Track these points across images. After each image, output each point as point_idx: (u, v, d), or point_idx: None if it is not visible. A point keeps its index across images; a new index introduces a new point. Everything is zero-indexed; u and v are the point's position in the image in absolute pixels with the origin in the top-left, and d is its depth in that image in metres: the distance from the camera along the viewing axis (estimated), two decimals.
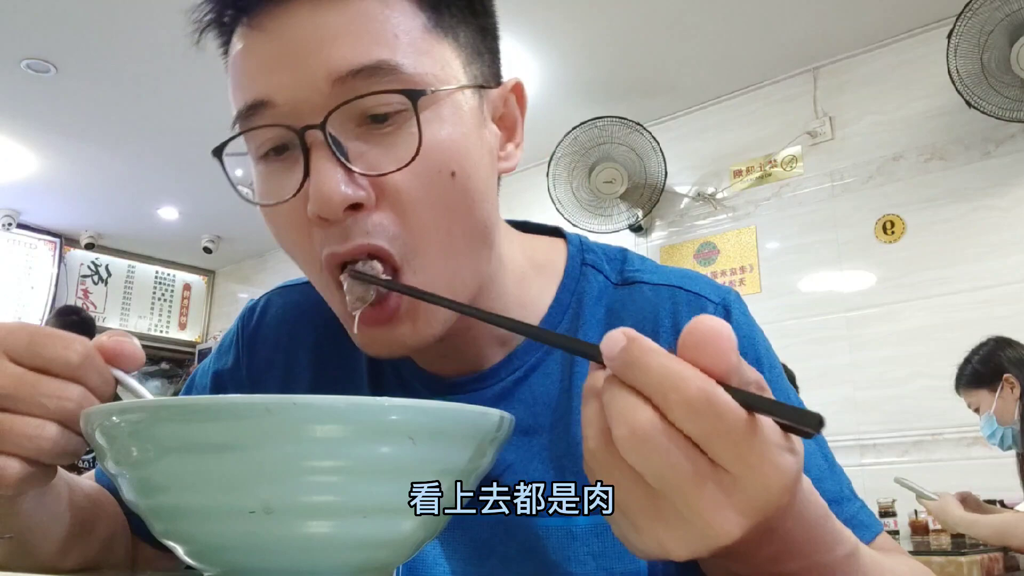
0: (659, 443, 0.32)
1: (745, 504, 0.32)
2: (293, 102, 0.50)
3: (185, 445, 0.34)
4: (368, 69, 0.49)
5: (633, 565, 0.55)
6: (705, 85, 3.49)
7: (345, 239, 0.50)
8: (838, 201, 3.17)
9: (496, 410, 0.39)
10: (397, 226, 0.51)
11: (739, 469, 0.32)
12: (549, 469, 0.57)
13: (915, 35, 3.08)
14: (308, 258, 0.53)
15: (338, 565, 0.36)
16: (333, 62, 0.49)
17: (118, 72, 3.37)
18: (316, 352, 0.68)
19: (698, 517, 0.32)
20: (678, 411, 0.32)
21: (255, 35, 0.51)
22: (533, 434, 0.58)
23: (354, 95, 0.49)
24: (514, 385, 0.61)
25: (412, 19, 0.51)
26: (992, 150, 2.86)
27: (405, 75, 0.49)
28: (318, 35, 0.49)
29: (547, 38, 3.14)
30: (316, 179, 0.48)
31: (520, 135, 0.61)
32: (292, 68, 0.49)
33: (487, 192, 0.55)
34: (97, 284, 5.64)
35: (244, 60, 0.52)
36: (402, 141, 0.50)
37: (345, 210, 0.49)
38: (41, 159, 4.23)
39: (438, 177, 0.51)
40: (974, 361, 2.34)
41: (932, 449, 2.79)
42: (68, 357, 0.43)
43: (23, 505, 0.49)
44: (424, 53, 0.51)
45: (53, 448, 0.42)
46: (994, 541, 2.03)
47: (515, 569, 0.56)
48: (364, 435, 0.34)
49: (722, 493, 0.32)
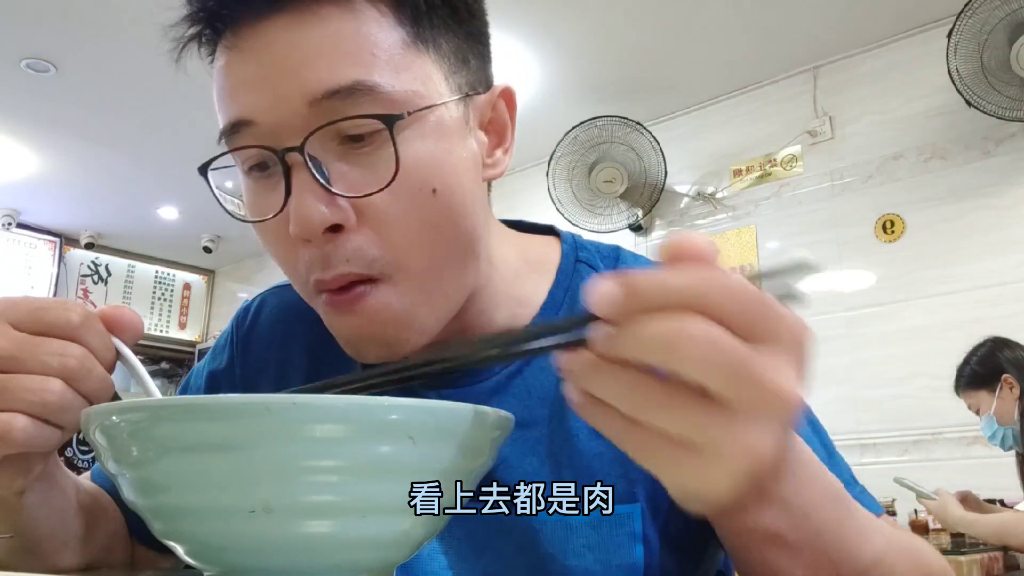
0: (724, 340, 0.30)
1: (797, 368, 0.32)
2: (272, 123, 0.49)
3: (185, 445, 0.34)
4: (345, 90, 0.48)
5: (629, 558, 0.55)
6: (705, 85, 3.49)
7: (327, 266, 0.50)
8: (838, 201, 3.17)
9: (496, 409, 0.39)
10: (378, 247, 0.51)
11: (781, 334, 0.32)
12: (545, 462, 0.58)
13: (915, 35, 3.07)
14: (295, 273, 0.54)
15: (338, 565, 0.36)
16: (309, 84, 0.48)
17: (118, 72, 3.37)
18: (311, 350, 0.68)
19: (764, 398, 0.31)
20: (717, 297, 0.30)
21: (233, 54, 0.51)
22: (528, 428, 0.58)
23: (331, 117, 0.48)
24: (508, 379, 0.61)
25: (389, 34, 0.51)
26: (992, 149, 2.86)
27: (383, 94, 0.49)
28: (294, 55, 0.49)
29: (547, 37, 3.14)
30: (296, 201, 0.49)
31: (510, 140, 0.60)
32: (270, 89, 0.49)
33: (472, 204, 0.55)
34: (97, 284, 5.63)
35: (225, 78, 0.52)
36: (381, 161, 0.49)
37: (325, 231, 0.49)
38: (41, 159, 4.23)
39: (419, 195, 0.51)
40: (972, 362, 2.34)
41: (932, 448, 2.79)
42: (69, 318, 0.44)
43: (30, 501, 0.50)
44: (403, 69, 0.50)
45: (59, 402, 0.43)
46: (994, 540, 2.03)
47: (512, 563, 0.57)
48: (364, 435, 0.34)
49: (782, 364, 0.31)
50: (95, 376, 0.44)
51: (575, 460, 0.57)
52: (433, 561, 0.59)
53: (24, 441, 0.42)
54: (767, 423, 0.32)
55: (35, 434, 0.43)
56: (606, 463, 0.56)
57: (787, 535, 0.41)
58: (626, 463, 0.54)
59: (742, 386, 0.30)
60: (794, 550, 0.41)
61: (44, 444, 0.44)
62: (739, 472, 0.32)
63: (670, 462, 0.32)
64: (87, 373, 0.44)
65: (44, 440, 0.44)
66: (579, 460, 0.57)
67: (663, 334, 0.30)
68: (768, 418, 0.32)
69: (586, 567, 0.55)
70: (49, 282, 5.32)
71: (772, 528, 0.40)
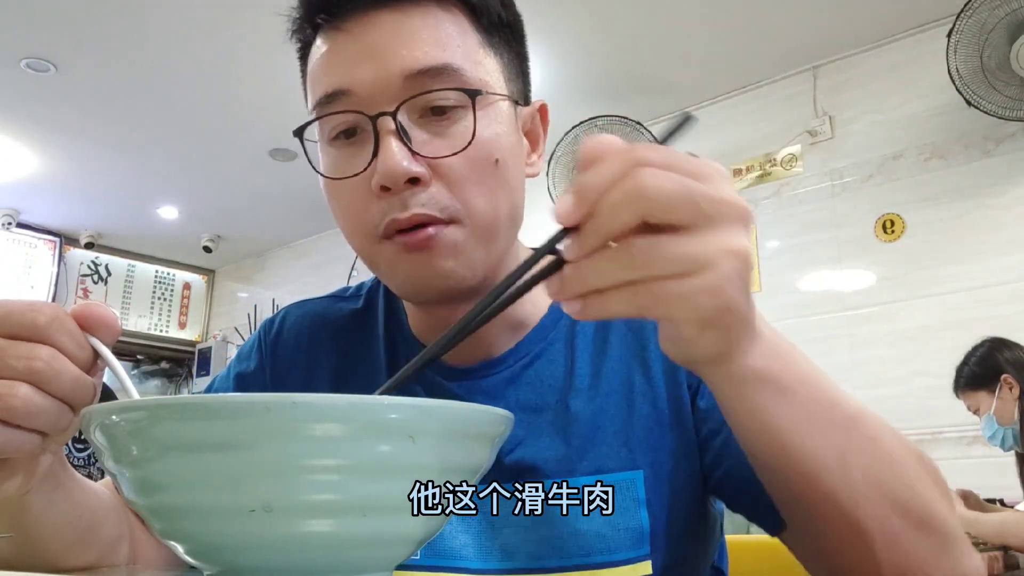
0: (671, 176, 0.36)
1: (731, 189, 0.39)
2: (369, 92, 0.58)
3: (185, 444, 0.34)
4: (435, 69, 0.58)
5: (635, 521, 0.61)
6: (705, 84, 3.48)
7: (404, 208, 0.58)
8: (838, 200, 3.17)
9: (496, 408, 0.39)
10: (448, 199, 0.59)
11: (707, 171, 0.38)
12: (555, 440, 0.64)
13: (915, 34, 3.07)
14: (364, 227, 0.61)
15: (338, 564, 0.36)
16: (408, 61, 0.58)
17: (118, 72, 3.37)
18: (337, 349, 0.75)
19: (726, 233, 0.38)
20: (649, 157, 0.37)
21: (340, 36, 0.60)
22: (539, 412, 0.65)
23: (423, 90, 0.58)
24: (522, 370, 0.67)
25: (470, 36, 0.62)
26: (992, 149, 2.86)
27: (464, 77, 0.59)
28: (396, 39, 0.58)
29: (547, 38, 3.14)
30: (384, 155, 0.57)
31: (542, 148, 0.71)
32: (371, 64, 0.58)
33: (519, 183, 0.65)
34: (97, 283, 5.63)
35: (327, 56, 0.61)
36: (458, 131, 0.59)
37: (406, 183, 0.57)
38: (41, 158, 4.23)
39: (485, 163, 0.60)
40: (971, 363, 2.34)
41: (932, 448, 2.79)
42: (34, 319, 0.43)
43: (34, 501, 0.50)
44: (478, 63, 0.61)
45: (25, 407, 0.42)
46: (994, 540, 2.03)
47: (529, 535, 0.62)
48: (364, 434, 0.34)
49: (722, 185, 0.38)
50: (66, 377, 0.43)
51: (583, 436, 0.64)
52: (454, 539, 0.63)
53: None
54: (732, 227, 0.38)
55: (4, 440, 0.42)
56: (608, 435, 0.64)
57: (778, 375, 0.44)
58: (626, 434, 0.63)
59: (701, 204, 0.37)
60: (786, 391, 0.45)
61: (18, 449, 0.44)
62: (732, 272, 0.37)
63: (678, 296, 0.37)
64: (55, 374, 0.43)
65: (17, 445, 0.43)
66: (586, 435, 0.64)
67: (619, 195, 0.36)
68: (731, 222, 0.38)
69: (596, 530, 0.60)
70: (49, 282, 5.32)
71: (762, 368, 0.43)
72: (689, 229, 0.37)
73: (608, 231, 0.36)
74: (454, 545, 0.63)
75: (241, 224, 5.15)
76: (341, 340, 0.75)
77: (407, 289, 0.63)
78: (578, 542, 0.60)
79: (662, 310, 0.38)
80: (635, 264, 0.37)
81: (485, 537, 0.63)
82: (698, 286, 0.37)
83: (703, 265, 0.37)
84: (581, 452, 0.63)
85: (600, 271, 0.37)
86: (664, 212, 0.36)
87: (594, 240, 0.37)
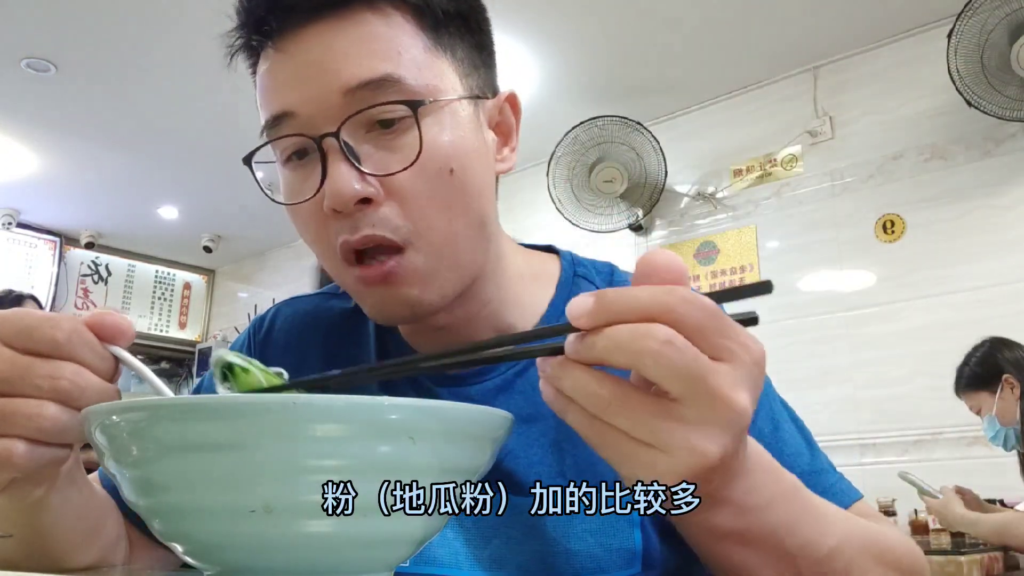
0: (682, 342, 0.35)
1: (749, 385, 0.36)
2: (311, 113, 0.56)
3: (185, 444, 0.34)
4: (375, 82, 0.55)
5: (628, 542, 0.59)
6: (705, 85, 3.48)
7: (355, 230, 0.56)
8: (838, 200, 3.17)
9: (496, 409, 0.39)
10: (401, 218, 0.57)
11: (736, 351, 0.36)
12: (548, 453, 0.62)
13: (915, 35, 3.07)
14: (326, 247, 0.59)
15: (338, 564, 0.36)
16: (344, 77, 0.55)
17: (118, 72, 3.37)
18: (326, 350, 0.73)
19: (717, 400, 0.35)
20: (679, 310, 0.35)
21: (278, 56, 0.58)
22: (532, 422, 0.63)
23: (363, 105, 0.55)
24: (515, 377, 0.65)
25: (413, 39, 0.58)
26: (992, 149, 2.86)
27: (407, 87, 0.56)
28: (331, 54, 0.56)
29: (547, 38, 3.14)
30: (331, 179, 0.55)
31: (515, 140, 0.67)
32: (309, 83, 0.56)
33: (484, 189, 0.61)
34: (97, 283, 5.63)
35: (268, 78, 0.59)
36: (406, 144, 0.56)
37: (356, 204, 0.55)
38: (41, 158, 4.23)
39: (438, 174, 0.57)
40: (972, 363, 2.34)
41: (932, 448, 2.79)
42: (54, 336, 0.43)
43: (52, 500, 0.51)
44: (425, 68, 0.58)
45: (54, 427, 0.43)
46: (994, 540, 2.03)
47: (520, 546, 0.60)
48: (364, 434, 0.34)
49: (735, 378, 0.36)
50: (92, 390, 0.44)
51: (577, 451, 0.62)
52: (446, 546, 0.62)
53: (25, 465, 0.43)
54: (715, 429, 0.36)
55: (36, 457, 0.43)
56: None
57: (743, 532, 0.44)
58: None
59: (696, 389, 0.35)
60: (752, 545, 0.45)
61: (49, 463, 0.45)
62: (683, 469, 0.36)
63: (626, 455, 0.37)
64: (81, 391, 0.43)
65: (48, 460, 0.45)
66: (580, 451, 0.61)
67: (627, 337, 0.35)
68: (716, 424, 0.36)
69: (588, 551, 0.59)
70: (49, 282, 5.32)
71: (726, 526, 0.43)
72: (672, 403, 0.36)
73: (598, 360, 0.36)
74: (444, 553, 0.62)
75: (241, 224, 5.15)
76: (331, 341, 0.74)
77: (377, 318, 0.62)
78: (568, 560, 0.59)
79: (607, 454, 0.38)
80: (602, 404, 0.36)
81: (475, 546, 0.62)
82: (646, 461, 0.36)
83: (662, 448, 0.36)
84: (577, 470, 0.61)
85: (575, 384, 0.37)
86: (656, 379, 0.35)
87: (585, 356, 0.36)
